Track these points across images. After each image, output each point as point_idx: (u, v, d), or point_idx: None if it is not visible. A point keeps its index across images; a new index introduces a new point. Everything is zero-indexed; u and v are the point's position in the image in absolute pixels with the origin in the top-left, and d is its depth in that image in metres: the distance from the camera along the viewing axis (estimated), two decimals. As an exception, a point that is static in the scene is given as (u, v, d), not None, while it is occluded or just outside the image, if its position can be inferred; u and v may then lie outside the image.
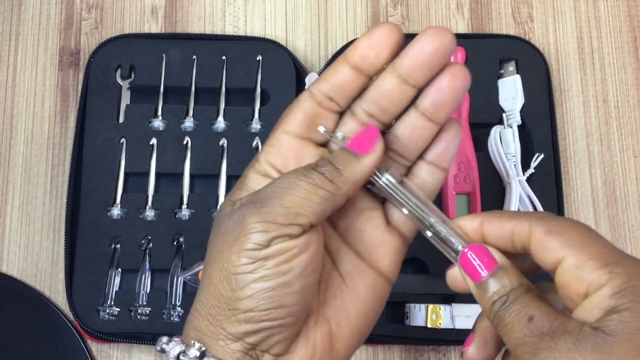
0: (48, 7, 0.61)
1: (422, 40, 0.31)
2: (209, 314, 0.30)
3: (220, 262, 0.30)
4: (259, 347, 0.30)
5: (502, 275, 0.30)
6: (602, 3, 0.62)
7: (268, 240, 0.29)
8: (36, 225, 0.56)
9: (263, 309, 0.29)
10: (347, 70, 0.32)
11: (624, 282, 0.27)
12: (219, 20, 0.61)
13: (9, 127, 0.58)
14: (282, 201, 0.30)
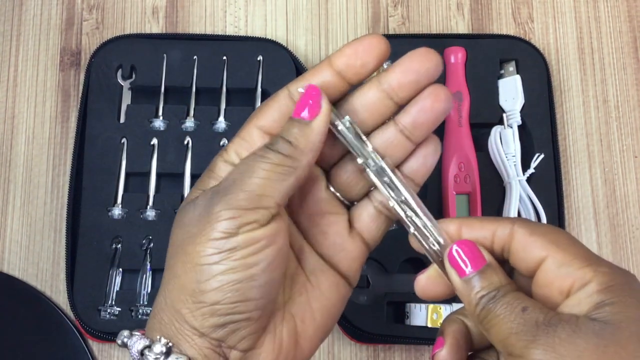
0: (49, 7, 0.61)
1: (413, 59, 0.32)
2: (173, 308, 0.30)
3: (185, 253, 0.29)
4: (225, 342, 0.29)
5: (492, 273, 0.30)
6: (602, 3, 0.62)
7: (235, 227, 0.29)
8: (37, 225, 0.56)
9: (229, 302, 0.29)
10: (329, 74, 0.32)
11: (609, 279, 0.27)
12: (220, 20, 0.62)
13: (10, 127, 0.58)
14: (244, 185, 0.29)
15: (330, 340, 0.55)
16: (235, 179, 0.30)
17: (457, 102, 0.56)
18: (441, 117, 0.33)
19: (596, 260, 0.29)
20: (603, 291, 0.27)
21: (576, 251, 0.29)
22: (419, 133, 0.32)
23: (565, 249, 0.29)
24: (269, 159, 0.30)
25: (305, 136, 0.30)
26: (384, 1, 0.62)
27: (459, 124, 0.55)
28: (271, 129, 0.32)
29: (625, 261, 0.57)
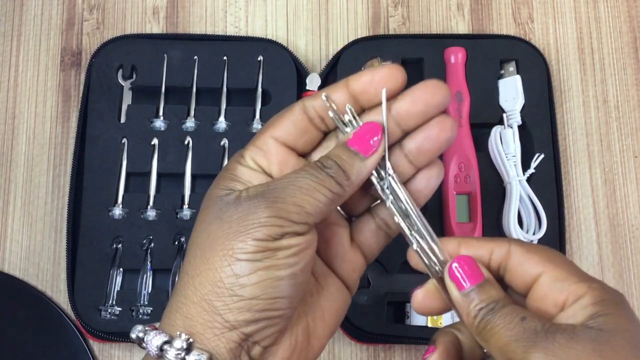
0: (50, 7, 0.61)
1: (423, 90, 0.33)
2: (204, 301, 0.30)
3: (224, 248, 0.30)
4: (252, 337, 0.30)
5: (490, 287, 0.31)
6: (603, 4, 0.62)
7: (280, 234, 0.30)
8: (38, 225, 0.57)
9: (268, 298, 0.30)
10: (344, 95, 0.33)
11: (602, 294, 0.29)
12: (220, 20, 0.62)
13: (11, 127, 0.58)
14: (296, 199, 0.30)
15: (331, 340, 0.55)
16: (285, 189, 0.31)
17: (457, 102, 0.56)
18: (445, 146, 0.34)
19: (589, 278, 0.30)
20: (597, 304, 0.29)
21: (570, 269, 0.31)
22: (423, 159, 0.34)
23: (560, 266, 0.31)
24: (322, 181, 0.31)
25: (358, 168, 0.32)
26: (384, 1, 0.62)
27: (459, 124, 0.55)
28: (287, 140, 0.33)
29: (625, 261, 0.57)
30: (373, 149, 0.32)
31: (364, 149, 0.32)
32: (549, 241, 0.54)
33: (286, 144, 0.33)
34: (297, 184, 0.31)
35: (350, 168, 0.32)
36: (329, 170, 0.31)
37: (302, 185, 0.31)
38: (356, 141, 0.32)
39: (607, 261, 0.57)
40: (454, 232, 0.53)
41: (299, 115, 0.33)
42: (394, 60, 0.57)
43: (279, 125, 0.33)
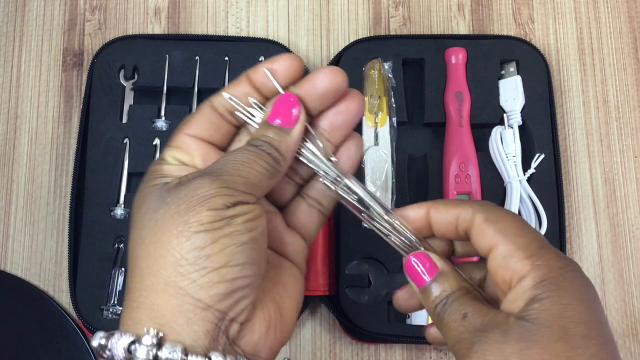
0: (52, 8, 0.61)
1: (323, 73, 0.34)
2: (168, 285, 0.28)
3: (177, 225, 0.29)
4: (228, 314, 0.29)
5: (443, 280, 0.32)
6: (603, 4, 0.63)
7: (232, 203, 0.29)
8: (40, 224, 0.57)
9: (237, 264, 0.29)
10: (247, 88, 0.34)
11: (544, 273, 0.29)
12: (222, 21, 0.62)
13: (13, 127, 0.59)
14: (239, 172, 0.31)
15: (332, 339, 0.55)
16: (226, 165, 0.31)
17: (458, 103, 0.56)
18: (356, 117, 0.35)
19: (538, 251, 0.30)
20: (537, 286, 0.29)
21: (521, 241, 0.30)
22: (338, 134, 0.35)
23: (511, 239, 0.30)
24: (259, 156, 0.32)
25: (286, 141, 0.33)
26: (385, 2, 0.62)
27: (460, 124, 0.56)
28: (202, 136, 0.34)
29: (625, 260, 0.57)
30: (295, 119, 0.33)
31: (285, 121, 0.33)
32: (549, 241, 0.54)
33: (202, 138, 0.34)
34: (237, 159, 0.31)
35: (279, 143, 0.32)
36: (261, 147, 0.32)
37: (243, 160, 0.31)
38: (276, 115, 0.33)
39: (607, 261, 0.57)
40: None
41: (207, 112, 0.34)
42: (394, 61, 0.57)
43: (192, 124, 0.34)
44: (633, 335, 0.55)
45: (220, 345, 0.28)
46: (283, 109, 0.33)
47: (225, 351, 0.28)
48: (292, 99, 0.33)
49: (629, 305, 0.56)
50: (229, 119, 0.35)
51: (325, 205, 0.36)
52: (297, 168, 0.36)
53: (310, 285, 0.54)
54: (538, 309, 0.28)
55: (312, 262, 0.54)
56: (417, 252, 0.33)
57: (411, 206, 0.34)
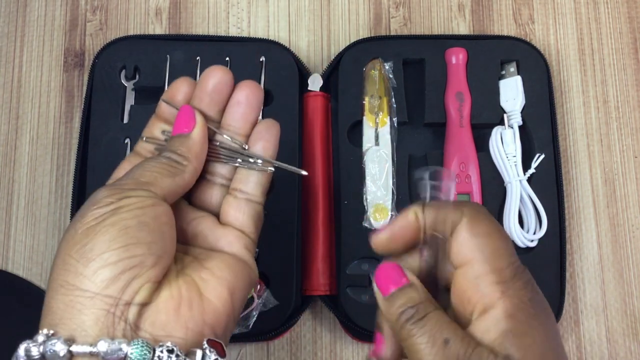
0: (53, 8, 0.61)
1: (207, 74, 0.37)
2: (60, 286, 0.29)
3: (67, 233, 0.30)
4: (122, 298, 0.29)
5: (411, 290, 0.32)
6: (603, 5, 0.63)
7: (118, 198, 0.31)
8: (41, 224, 0.57)
9: (121, 246, 0.29)
10: (160, 124, 0.38)
11: (515, 305, 0.29)
12: (223, 21, 0.62)
13: (15, 128, 0.59)
14: (131, 175, 0.33)
15: (332, 338, 0.55)
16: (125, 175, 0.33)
17: (458, 103, 0.56)
18: (256, 103, 0.37)
19: (510, 279, 0.30)
20: (509, 319, 0.29)
21: (497, 265, 0.30)
22: (245, 125, 0.37)
23: (486, 260, 0.30)
24: (159, 161, 0.34)
25: (187, 145, 0.35)
26: (385, 2, 0.62)
27: (460, 125, 0.56)
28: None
29: (625, 260, 0.57)
30: (192, 123, 0.35)
31: (184, 128, 0.35)
32: (549, 241, 0.54)
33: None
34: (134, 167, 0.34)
35: (181, 146, 0.35)
36: (163, 154, 0.34)
37: (138, 167, 0.33)
38: (177, 127, 0.36)
39: (607, 261, 0.57)
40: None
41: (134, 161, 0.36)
42: (395, 61, 0.57)
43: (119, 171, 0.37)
44: (633, 335, 0.55)
45: (119, 331, 0.28)
46: (180, 121, 0.36)
47: (125, 336, 0.28)
48: (185, 110, 0.36)
49: (628, 304, 0.56)
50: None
51: (250, 191, 0.37)
52: (216, 170, 0.37)
53: (310, 285, 0.54)
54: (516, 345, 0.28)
55: (313, 262, 0.54)
56: (387, 262, 0.33)
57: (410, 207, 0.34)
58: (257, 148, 0.37)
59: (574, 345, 0.55)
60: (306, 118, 0.57)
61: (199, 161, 0.35)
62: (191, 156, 0.35)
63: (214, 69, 0.37)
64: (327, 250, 0.55)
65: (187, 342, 0.30)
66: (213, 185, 0.37)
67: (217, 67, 0.37)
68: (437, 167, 0.33)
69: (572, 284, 0.56)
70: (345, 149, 0.55)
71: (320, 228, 0.55)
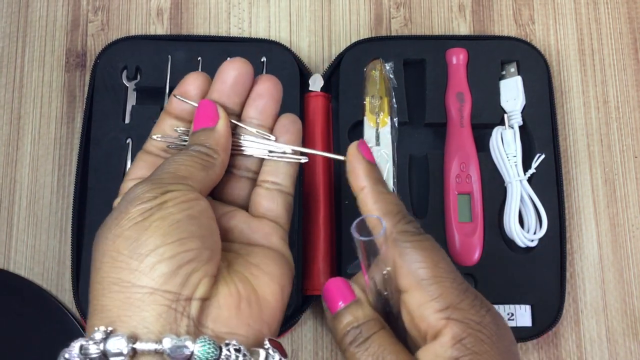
0: (55, 9, 0.62)
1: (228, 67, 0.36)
2: (112, 284, 0.28)
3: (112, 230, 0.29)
4: (182, 293, 0.28)
5: (357, 308, 0.31)
6: (603, 5, 0.63)
7: (160, 192, 0.30)
8: (43, 224, 0.57)
9: (174, 240, 0.28)
10: (171, 121, 0.37)
11: (462, 330, 0.28)
12: (224, 22, 0.62)
13: (17, 128, 0.59)
14: (167, 169, 0.32)
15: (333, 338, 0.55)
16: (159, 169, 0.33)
17: (459, 103, 0.56)
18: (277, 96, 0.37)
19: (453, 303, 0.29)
20: (456, 346, 0.28)
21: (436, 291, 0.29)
22: (267, 118, 0.37)
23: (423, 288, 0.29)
24: (188, 154, 0.33)
25: (215, 138, 0.34)
26: (386, 3, 0.63)
27: (461, 125, 0.56)
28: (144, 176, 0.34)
29: (625, 260, 0.57)
30: (215, 117, 0.35)
31: (208, 122, 0.34)
32: (549, 240, 0.54)
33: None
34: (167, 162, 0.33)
35: (208, 139, 0.34)
36: (192, 148, 0.33)
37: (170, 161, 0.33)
38: (198, 122, 0.35)
39: (607, 260, 0.57)
40: (455, 232, 0.54)
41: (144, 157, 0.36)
42: (396, 61, 0.57)
43: (132, 170, 0.36)
44: (633, 335, 0.56)
45: (183, 328, 0.28)
46: (202, 115, 0.35)
47: (189, 332, 0.27)
48: (205, 103, 0.35)
49: (628, 304, 0.56)
50: (165, 156, 0.36)
51: (282, 182, 0.36)
52: (244, 164, 0.37)
53: (311, 285, 0.54)
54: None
55: (313, 262, 0.54)
56: (337, 278, 0.33)
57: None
58: (281, 139, 0.36)
59: (574, 345, 0.56)
60: (307, 118, 0.57)
61: (227, 154, 0.35)
62: (219, 149, 0.34)
63: (235, 61, 0.36)
64: (328, 250, 0.55)
65: (249, 340, 0.29)
66: (239, 179, 0.37)
67: (237, 59, 0.36)
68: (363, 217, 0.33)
69: (572, 284, 0.57)
70: (346, 149, 0.55)
71: (321, 228, 0.55)
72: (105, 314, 0.28)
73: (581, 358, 0.55)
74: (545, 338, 0.55)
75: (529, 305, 0.54)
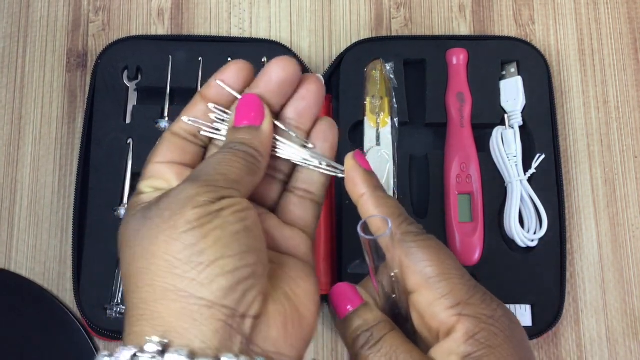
0: (56, 9, 0.62)
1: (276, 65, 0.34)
2: (167, 291, 0.26)
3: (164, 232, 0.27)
4: (238, 309, 0.27)
5: (366, 311, 0.31)
6: (603, 5, 0.63)
7: (216, 197, 0.28)
8: (44, 224, 0.57)
9: (234, 253, 0.27)
10: (204, 106, 0.34)
11: (474, 325, 0.28)
12: (225, 22, 0.62)
13: (18, 128, 0.59)
14: (218, 170, 0.30)
15: (334, 338, 0.56)
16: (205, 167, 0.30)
17: (459, 103, 0.56)
18: (319, 99, 0.35)
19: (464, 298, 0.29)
20: (469, 342, 0.28)
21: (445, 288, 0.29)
22: (306, 120, 0.35)
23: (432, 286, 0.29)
24: (235, 154, 0.31)
25: (260, 139, 0.32)
26: (387, 3, 0.63)
27: (461, 125, 0.56)
28: (172, 160, 0.33)
29: (625, 260, 0.57)
30: (261, 115, 0.33)
31: (253, 120, 0.33)
32: (549, 240, 0.54)
33: (173, 161, 0.33)
34: (213, 161, 0.31)
35: (251, 140, 0.32)
36: (235, 147, 0.31)
37: (219, 160, 0.30)
38: (241, 118, 0.33)
39: (607, 260, 0.57)
40: (456, 232, 0.54)
41: (171, 139, 0.34)
42: (396, 62, 0.57)
43: (158, 152, 0.34)
44: (633, 335, 0.56)
45: (236, 345, 0.27)
46: (246, 110, 0.33)
47: (242, 351, 0.27)
48: (252, 99, 0.33)
49: (629, 304, 0.56)
50: (194, 141, 0.34)
51: (316, 192, 0.35)
52: (277, 165, 0.35)
53: (312, 285, 0.54)
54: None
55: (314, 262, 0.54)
56: (343, 283, 0.32)
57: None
58: (318, 146, 0.35)
59: (574, 344, 0.56)
60: (308, 118, 0.57)
61: (269, 157, 0.33)
62: (264, 152, 0.32)
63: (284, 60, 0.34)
64: (329, 250, 0.55)
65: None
66: (273, 181, 0.35)
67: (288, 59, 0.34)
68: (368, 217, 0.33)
69: (573, 284, 0.57)
70: (347, 149, 0.55)
71: (322, 228, 0.55)
72: (157, 322, 0.26)
73: (581, 358, 0.55)
74: (545, 338, 0.55)
75: (529, 304, 0.54)
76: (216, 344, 0.26)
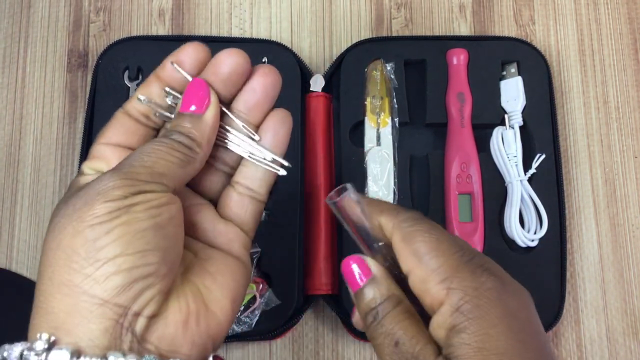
0: (57, 9, 0.62)
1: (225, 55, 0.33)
2: (63, 285, 0.26)
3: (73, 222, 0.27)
4: (131, 308, 0.26)
5: (374, 286, 0.31)
6: (603, 6, 0.63)
7: (133, 192, 0.28)
8: (45, 224, 0.57)
9: (135, 252, 0.27)
10: (158, 86, 0.33)
11: (460, 298, 0.28)
12: (225, 22, 0.62)
13: (19, 128, 0.59)
14: (144, 162, 0.29)
15: (334, 337, 0.56)
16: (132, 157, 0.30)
17: (459, 103, 0.56)
18: (272, 93, 0.34)
19: (452, 272, 0.29)
20: (454, 314, 0.28)
21: (435, 263, 0.29)
22: (257, 114, 0.34)
23: (425, 262, 0.29)
24: (169, 144, 0.30)
25: (201, 129, 0.31)
26: (387, 3, 0.63)
27: (461, 125, 0.56)
28: (119, 142, 0.32)
29: (625, 260, 0.57)
30: (206, 100, 0.32)
31: (197, 105, 0.32)
32: (550, 240, 0.54)
33: (119, 144, 0.32)
34: (143, 151, 0.30)
35: (191, 130, 0.31)
36: (172, 136, 0.31)
37: (148, 151, 0.30)
38: (187, 102, 0.32)
39: (607, 260, 0.57)
40: (456, 232, 0.54)
41: (122, 119, 0.33)
42: (396, 62, 0.57)
43: (106, 132, 0.33)
44: (633, 334, 0.56)
45: (126, 344, 0.26)
46: (194, 95, 0.32)
47: (132, 349, 0.26)
48: (199, 83, 0.32)
49: (629, 304, 0.56)
50: (145, 122, 0.33)
51: (257, 189, 0.34)
52: (222, 156, 0.34)
53: (312, 285, 0.54)
54: (458, 343, 0.27)
55: (315, 262, 0.55)
56: (354, 255, 0.32)
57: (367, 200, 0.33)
58: (266, 140, 0.34)
59: (574, 344, 0.56)
60: (308, 118, 0.57)
61: (210, 147, 0.32)
62: (204, 142, 0.31)
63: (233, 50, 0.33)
64: (329, 250, 0.55)
65: (191, 358, 0.28)
66: (215, 172, 0.34)
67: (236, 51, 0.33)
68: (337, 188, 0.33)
69: (573, 284, 0.57)
70: (347, 149, 0.56)
71: (322, 228, 0.55)
72: (51, 317, 0.26)
73: (581, 357, 0.56)
74: (545, 337, 0.55)
75: (529, 304, 0.54)
76: (105, 342, 0.26)
